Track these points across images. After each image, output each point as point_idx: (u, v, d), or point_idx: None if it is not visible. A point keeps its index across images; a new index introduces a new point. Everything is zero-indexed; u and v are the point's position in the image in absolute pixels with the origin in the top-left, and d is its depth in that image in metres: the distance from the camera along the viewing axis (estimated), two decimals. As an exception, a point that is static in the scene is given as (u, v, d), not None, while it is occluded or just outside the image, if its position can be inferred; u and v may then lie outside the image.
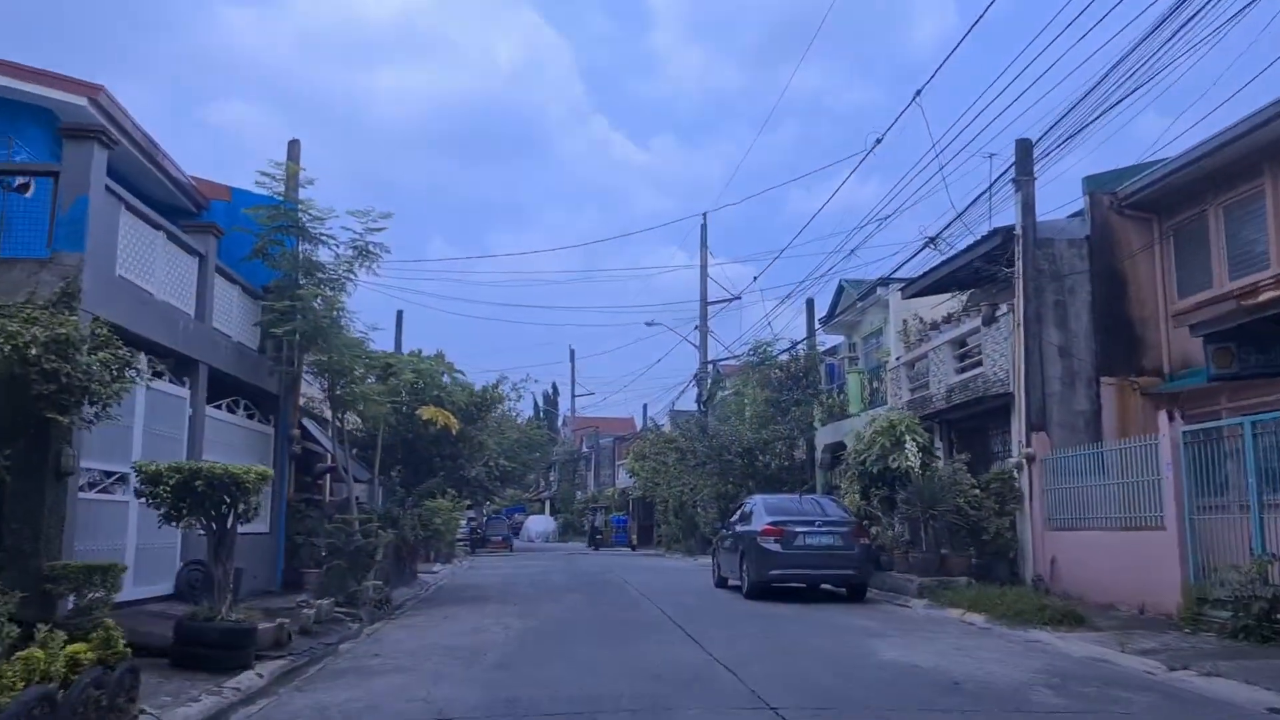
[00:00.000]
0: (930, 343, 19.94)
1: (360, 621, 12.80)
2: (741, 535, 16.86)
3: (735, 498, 27.12)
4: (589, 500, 60.52)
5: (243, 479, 8.94)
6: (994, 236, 16.71)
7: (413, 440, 18.57)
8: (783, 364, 26.37)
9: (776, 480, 25.91)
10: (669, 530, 39.43)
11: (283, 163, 14.92)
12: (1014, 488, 16.07)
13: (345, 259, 15.66)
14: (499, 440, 40.75)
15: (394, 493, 20.39)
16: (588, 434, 71.63)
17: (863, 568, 15.92)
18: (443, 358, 18.54)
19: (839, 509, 17.03)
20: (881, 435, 17.01)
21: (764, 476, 26.32)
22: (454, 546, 28.82)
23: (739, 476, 26.08)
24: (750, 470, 26.08)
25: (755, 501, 17.31)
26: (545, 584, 20.21)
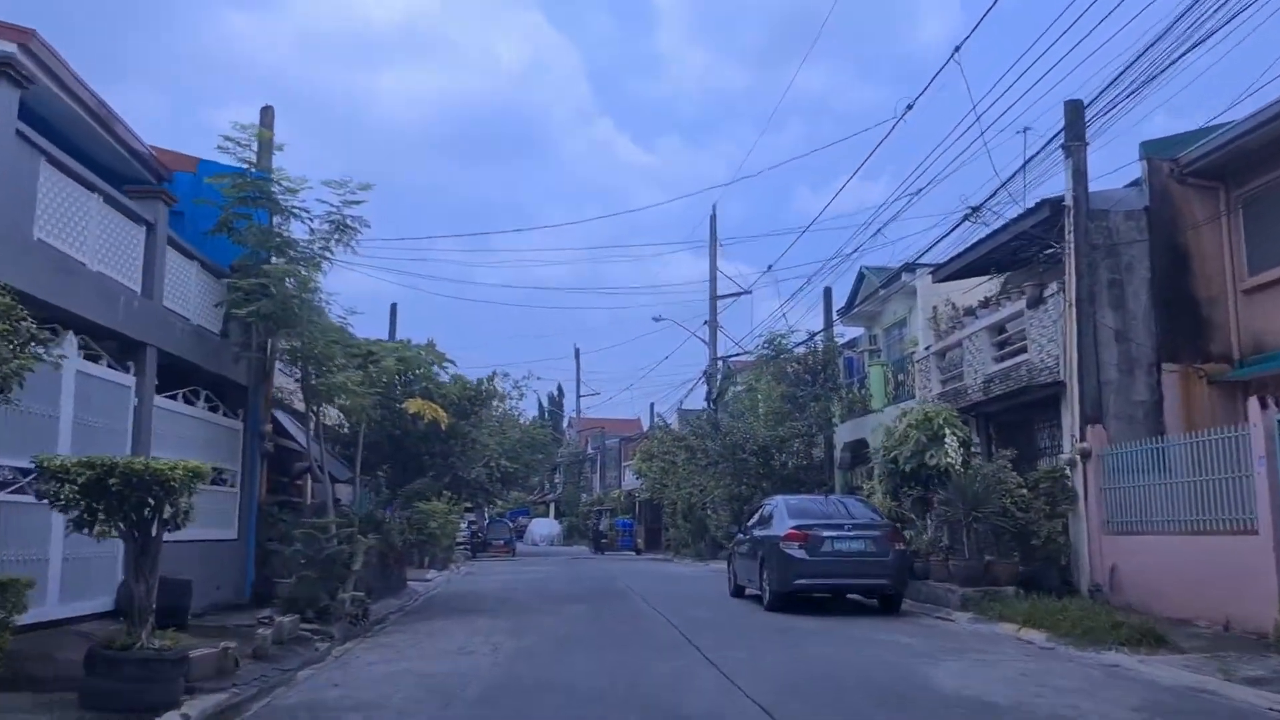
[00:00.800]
0: (965, 330, 18.28)
1: (330, 640, 11.20)
2: (761, 540, 15.23)
3: (749, 499, 25.49)
4: (594, 502, 58.84)
5: (167, 476, 7.32)
6: (1041, 208, 15.05)
7: (400, 437, 16.95)
8: (799, 356, 24.72)
9: (794, 481, 24.26)
10: (678, 534, 37.79)
11: (250, 125, 13.34)
12: (1066, 487, 14.41)
13: (321, 234, 14.10)
14: (500, 440, 39.20)
15: (379, 493, 18.78)
16: (593, 435, 70.03)
17: (898, 577, 14.28)
18: (433, 347, 16.88)
19: (869, 511, 15.38)
20: (916, 429, 15.36)
21: (780, 477, 24.67)
22: (451, 551, 27.22)
23: (753, 477, 24.42)
24: (766, 470, 24.42)
25: (776, 503, 15.67)
26: (545, 593, 18.60)
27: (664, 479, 36.63)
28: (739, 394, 28.42)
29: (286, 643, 10.43)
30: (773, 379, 25.69)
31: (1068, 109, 14.76)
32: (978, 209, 15.34)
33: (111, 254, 10.64)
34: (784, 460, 24.73)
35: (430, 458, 17.48)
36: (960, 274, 18.86)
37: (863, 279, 26.24)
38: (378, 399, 16.36)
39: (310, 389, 13.96)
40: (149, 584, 7.54)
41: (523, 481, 43.93)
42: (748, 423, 24.65)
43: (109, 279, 10.53)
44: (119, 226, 10.88)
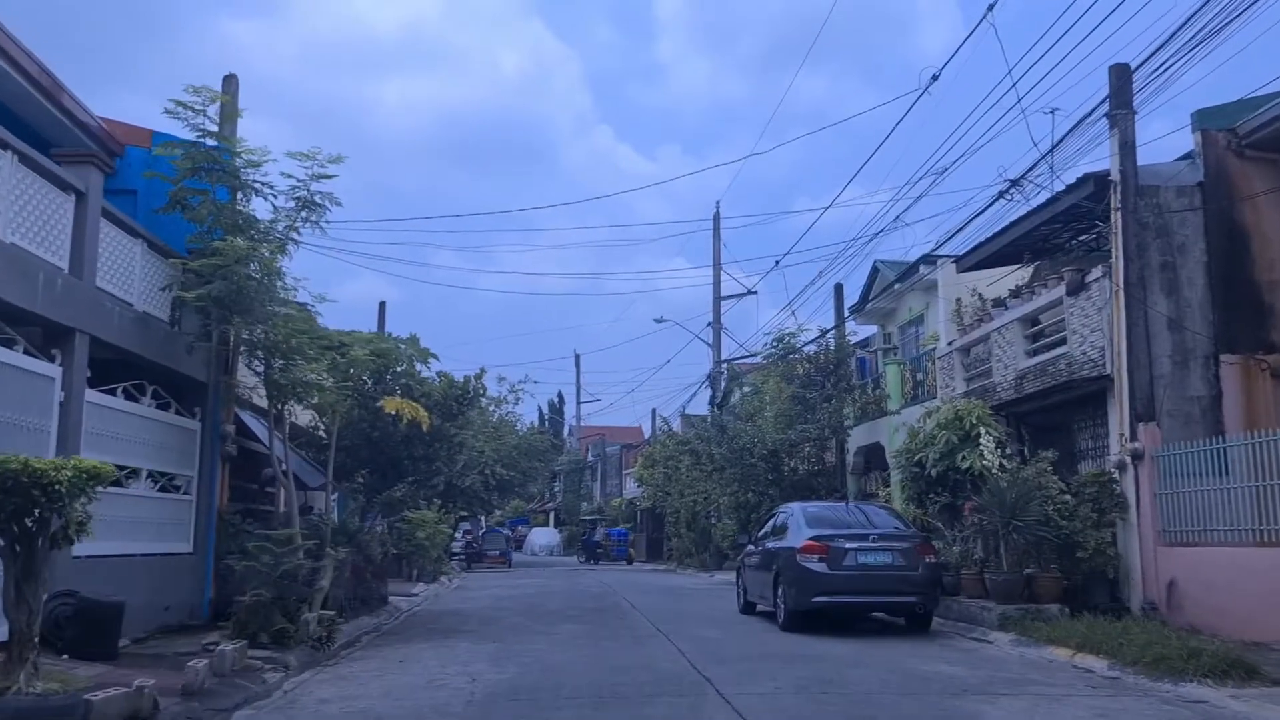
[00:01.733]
0: (993, 322, 16.84)
1: (285, 670, 9.72)
2: (775, 553, 13.76)
3: (757, 507, 24.03)
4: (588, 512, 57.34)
5: (51, 479, 5.89)
6: (1084, 184, 13.62)
7: (378, 440, 15.49)
8: (810, 355, 23.26)
9: (805, 487, 22.79)
10: (680, 544, 36.29)
11: (204, 88, 11.90)
12: (1115, 493, 12.95)
13: (285, 212, 12.69)
14: (496, 446, 37.72)
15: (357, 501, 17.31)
16: (594, 443, 68.56)
17: (929, 593, 12.82)
18: (416, 341, 15.42)
19: (894, 519, 13.91)
20: (946, 429, 13.90)
21: (790, 483, 23.19)
22: (441, 563, 25.71)
23: (762, 483, 22.92)
24: (775, 476, 22.92)
25: (791, 511, 14.21)
26: (538, 610, 17.12)
27: (666, 486, 35.14)
28: (746, 395, 26.90)
29: (229, 675, 8.96)
30: (781, 380, 24.22)
31: (1113, 74, 13.34)
32: (1017, 182, 13.88)
33: (29, 224, 9.22)
34: (794, 465, 23.25)
35: (412, 462, 16.00)
36: (988, 262, 17.43)
37: (876, 273, 24.81)
38: (353, 397, 14.98)
39: (273, 384, 12.51)
40: (32, 610, 6.10)
41: (520, 490, 42.44)
42: (756, 426, 23.17)
43: (26, 253, 9.11)
44: (40, 193, 9.46)
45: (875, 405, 23.10)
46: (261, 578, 10.86)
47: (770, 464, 22.64)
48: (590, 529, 49.12)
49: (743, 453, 22.49)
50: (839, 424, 22.39)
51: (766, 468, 22.63)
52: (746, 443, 22.45)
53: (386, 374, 15.60)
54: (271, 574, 10.82)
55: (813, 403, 23.21)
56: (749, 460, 22.44)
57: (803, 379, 23.13)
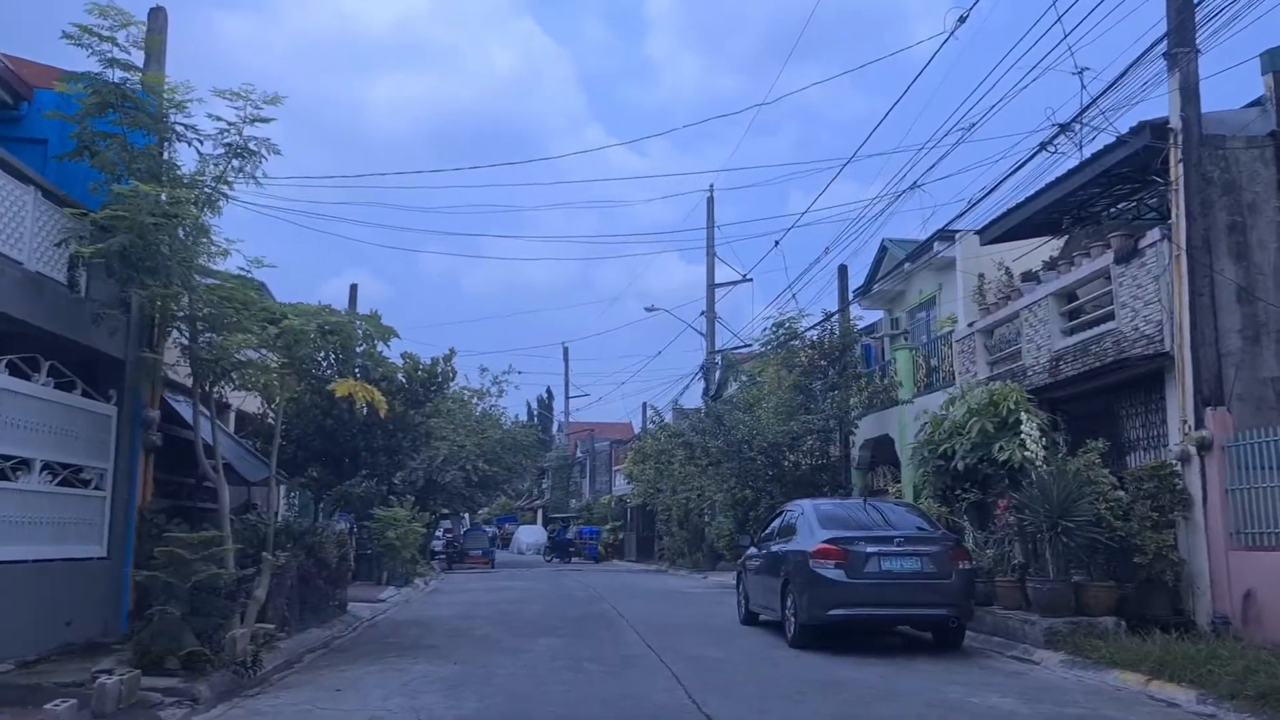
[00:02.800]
0: (1022, 299, 15.10)
1: (192, 704, 7.94)
2: (783, 557, 12.00)
3: (755, 505, 22.28)
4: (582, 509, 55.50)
5: None
6: (1137, 134, 11.87)
7: (333, 429, 13.72)
8: (814, 341, 21.49)
9: (808, 484, 21.02)
10: (672, 543, 34.55)
11: (111, 7, 10.05)
12: (1176, 488, 11.20)
13: (213, 160, 10.87)
14: (478, 441, 35.87)
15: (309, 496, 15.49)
16: (583, 439, 66.68)
17: (964, 604, 11.06)
18: (377, 318, 13.57)
19: (918, 519, 12.14)
20: (979, 415, 12.12)
21: (792, 479, 21.43)
22: (415, 564, 23.87)
23: (761, 479, 21.12)
24: (776, 472, 21.14)
25: (801, 509, 12.43)
26: (515, 619, 15.33)
27: (658, 482, 33.37)
28: (744, 385, 25.06)
29: (113, 715, 7.17)
30: (781, 368, 22.45)
31: (1172, 7, 11.59)
32: (1067, 126, 12.09)
33: None
34: (796, 460, 21.48)
35: (371, 454, 14.21)
36: (1015, 233, 15.70)
37: (885, 253, 23.06)
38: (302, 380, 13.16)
39: (197, 360, 10.68)
40: None
41: (504, 486, 40.57)
42: (754, 417, 21.39)
43: None
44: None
45: (883, 395, 21.35)
46: (170, 590, 9.04)
47: (770, 458, 20.87)
48: (561, 527, 49.03)
49: (741, 446, 20.70)
50: (845, 415, 20.61)
51: (766, 462, 20.85)
52: (745, 435, 20.66)
53: (341, 354, 13.80)
54: (181, 586, 8.99)
55: (816, 392, 21.44)
56: (747, 454, 20.65)
57: (805, 367, 21.36)
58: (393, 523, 22.30)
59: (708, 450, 21.75)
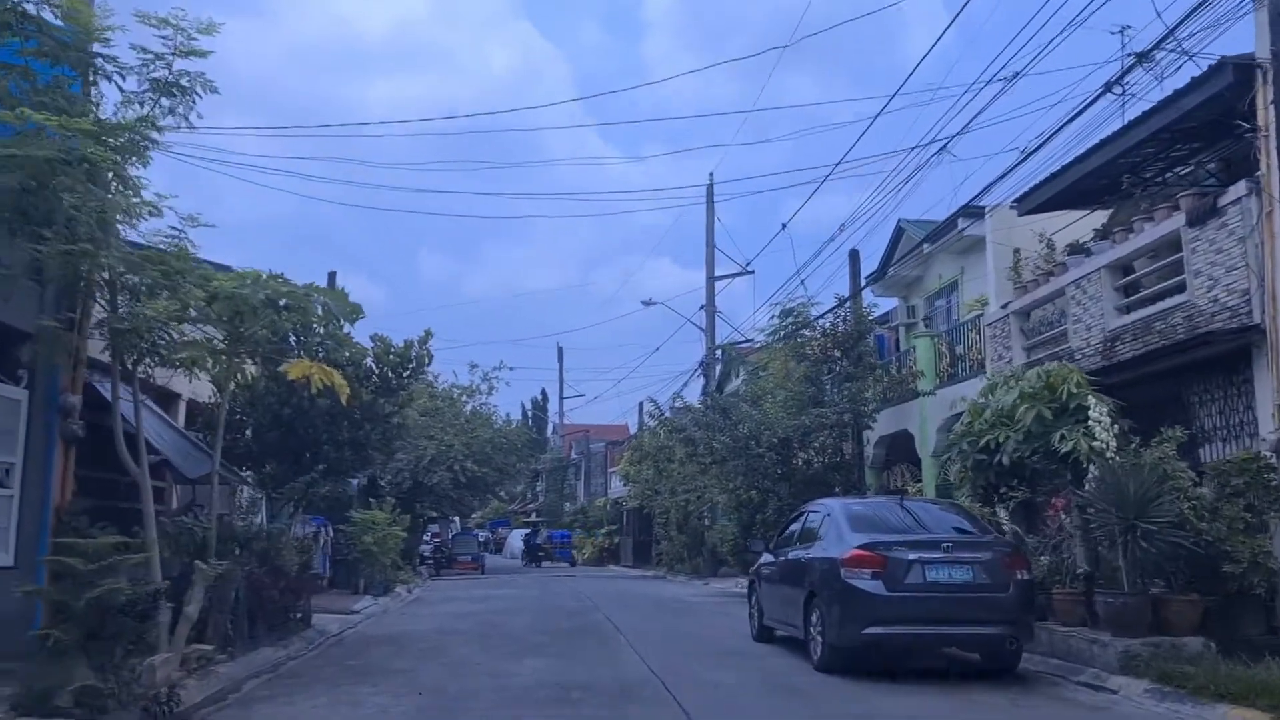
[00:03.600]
0: (1067, 274, 13.49)
1: (75, 755, 6.26)
2: (806, 565, 10.33)
3: (762, 506, 20.62)
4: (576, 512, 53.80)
5: None
6: (1217, 74, 10.24)
7: (291, 419, 12.04)
8: (826, 329, 19.83)
9: (822, 484, 19.37)
10: (671, 547, 32.88)
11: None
12: (1270, 484, 9.56)
13: (136, 98, 9.21)
14: (467, 441, 34.16)
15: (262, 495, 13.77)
16: (578, 440, 64.96)
17: (1023, 621, 9.41)
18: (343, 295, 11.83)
19: (963, 519, 10.46)
20: (1034, 401, 10.45)
21: (802, 478, 19.77)
22: (395, 571, 22.17)
23: (771, 478, 19.43)
24: (785, 470, 19.47)
25: (828, 510, 10.74)
26: (499, 633, 13.67)
27: (656, 483, 31.68)
28: (749, 378, 23.34)
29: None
30: (791, 358, 20.79)
31: (1259, -74, 9.97)
32: (1145, 55, 10.41)
33: None
34: (807, 458, 19.81)
35: (335, 447, 12.49)
36: (1058, 202, 14.12)
37: (901, 234, 21.43)
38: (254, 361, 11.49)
39: (116, 333, 9.01)
40: None
41: (495, 489, 38.84)
42: (762, 411, 19.69)
43: None
44: None
45: (900, 388, 19.71)
46: (64, 610, 7.36)
47: (780, 455, 19.19)
48: (532, 531, 48.44)
49: (748, 441, 19.02)
50: (861, 408, 18.94)
51: (775, 460, 19.16)
52: (753, 430, 18.96)
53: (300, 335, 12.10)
54: (74, 603, 7.30)
55: (827, 384, 19.78)
56: (755, 450, 18.95)
57: (817, 356, 19.69)
58: (371, 526, 20.63)
59: (711, 447, 20.07)
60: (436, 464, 32.50)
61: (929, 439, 18.51)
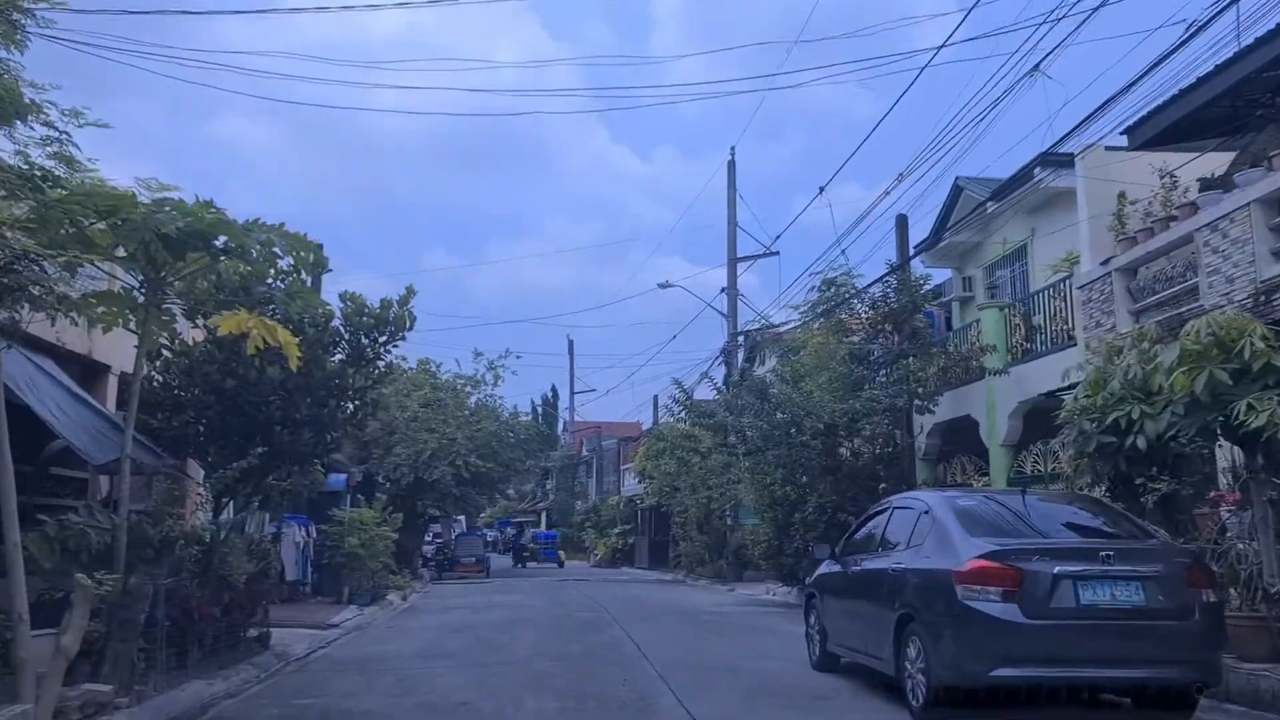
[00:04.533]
0: (1199, 216, 10.92)
1: None
2: (898, 579, 7.77)
3: (801, 504, 18.08)
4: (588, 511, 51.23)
5: None
6: None
7: (236, 393, 9.57)
8: (875, 300, 17.26)
9: (871, 478, 16.84)
10: (691, 549, 30.31)
11: None
12: None
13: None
14: (470, 434, 31.72)
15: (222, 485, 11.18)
16: (589, 436, 62.42)
17: (1210, 659, 6.84)
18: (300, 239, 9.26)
19: (1108, 518, 7.87)
20: (1201, 362, 7.85)
21: (849, 472, 17.22)
22: (386, 577, 19.72)
23: (814, 471, 16.84)
24: (830, 462, 16.90)
25: (925, 506, 8.13)
26: (497, 657, 11.20)
27: (675, 479, 29.15)
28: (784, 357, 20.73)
29: None
30: (832, 335, 18.23)
31: None
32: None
33: None
34: (855, 448, 17.24)
35: (291, 429, 9.95)
36: (1181, 130, 11.52)
37: (959, 195, 18.86)
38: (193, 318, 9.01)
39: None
40: None
41: (501, 486, 36.34)
42: (804, 394, 17.07)
43: None
44: None
45: (959, 369, 17.11)
46: None
47: (826, 445, 16.62)
48: (518, 531, 48.21)
49: (788, 429, 16.44)
50: (918, 389, 16.32)
51: (821, 449, 16.59)
52: (795, 414, 16.37)
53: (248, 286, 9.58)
54: None
55: (880, 364, 17.21)
56: (798, 439, 16.37)
57: (866, 330, 17.12)
58: (357, 526, 18.20)
59: (744, 435, 17.49)
60: (438, 459, 30.08)
61: (998, 426, 15.97)
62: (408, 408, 31.28)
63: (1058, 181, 15.62)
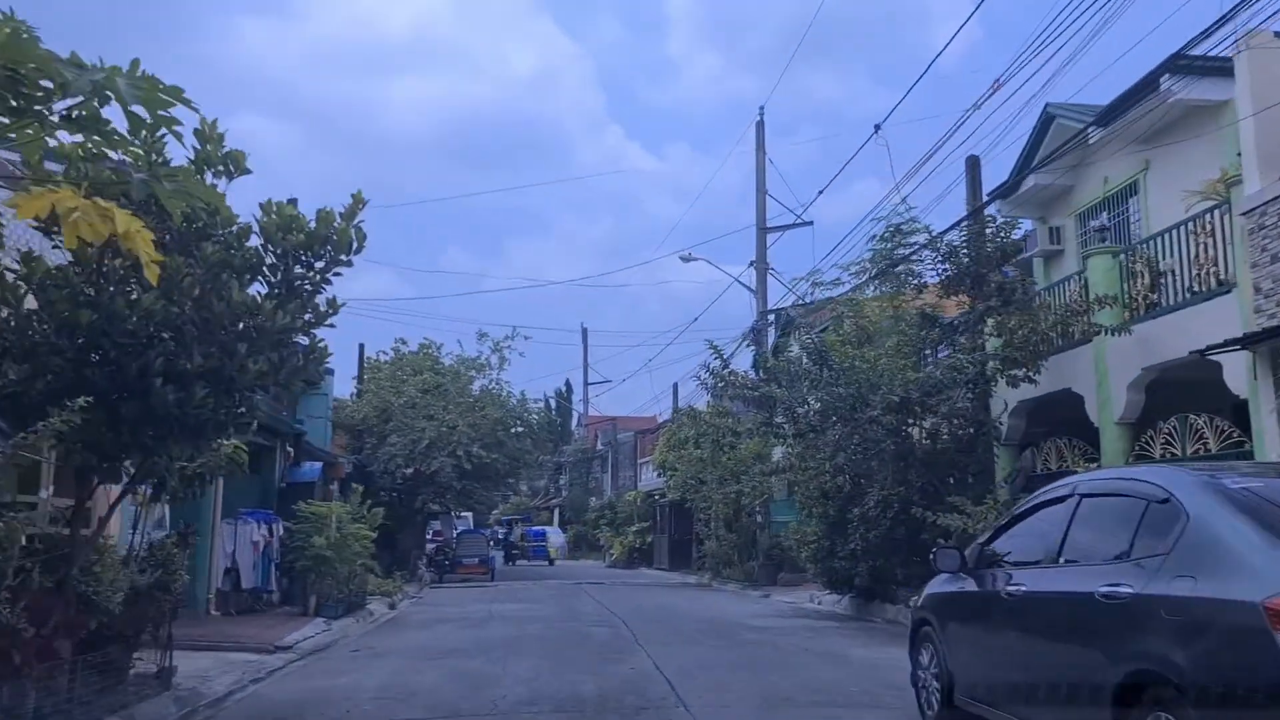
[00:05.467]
0: None
1: None
2: (1121, 612, 4.66)
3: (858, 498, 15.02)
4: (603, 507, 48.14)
5: None
6: None
7: (101, 330, 6.55)
8: (951, 248, 14.10)
9: (948, 466, 13.74)
10: (718, 549, 27.28)
11: None
12: None
13: None
14: (472, 421, 28.74)
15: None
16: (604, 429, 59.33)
17: None
18: (177, 92, 6.06)
19: None
20: None
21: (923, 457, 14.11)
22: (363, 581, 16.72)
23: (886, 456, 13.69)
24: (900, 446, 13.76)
25: (1166, 491, 4.88)
26: (478, 697, 8.23)
27: (703, 470, 26.07)
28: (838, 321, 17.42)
29: None
30: (899, 296, 15.11)
31: None
32: None
33: None
34: (933, 427, 14.09)
35: (176, 384, 6.84)
36: None
37: (1049, 124, 15.64)
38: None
39: None
40: None
41: (508, 479, 33.30)
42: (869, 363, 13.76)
43: None
44: None
45: (1057, 332, 13.98)
46: None
47: (898, 421, 13.46)
48: (507, 528, 46.76)
49: (854, 403, 13.30)
50: (1013, 354, 13.15)
51: (894, 424, 13.42)
52: (864, 383, 13.17)
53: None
54: None
55: (959, 326, 14.07)
56: (867, 414, 13.22)
57: (945, 283, 13.98)
58: (326, 523, 15.24)
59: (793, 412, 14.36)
60: (436, 449, 27.12)
61: (1112, 400, 12.86)
62: (404, 393, 28.36)
63: (1191, 92, 12.49)
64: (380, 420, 28.27)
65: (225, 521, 14.99)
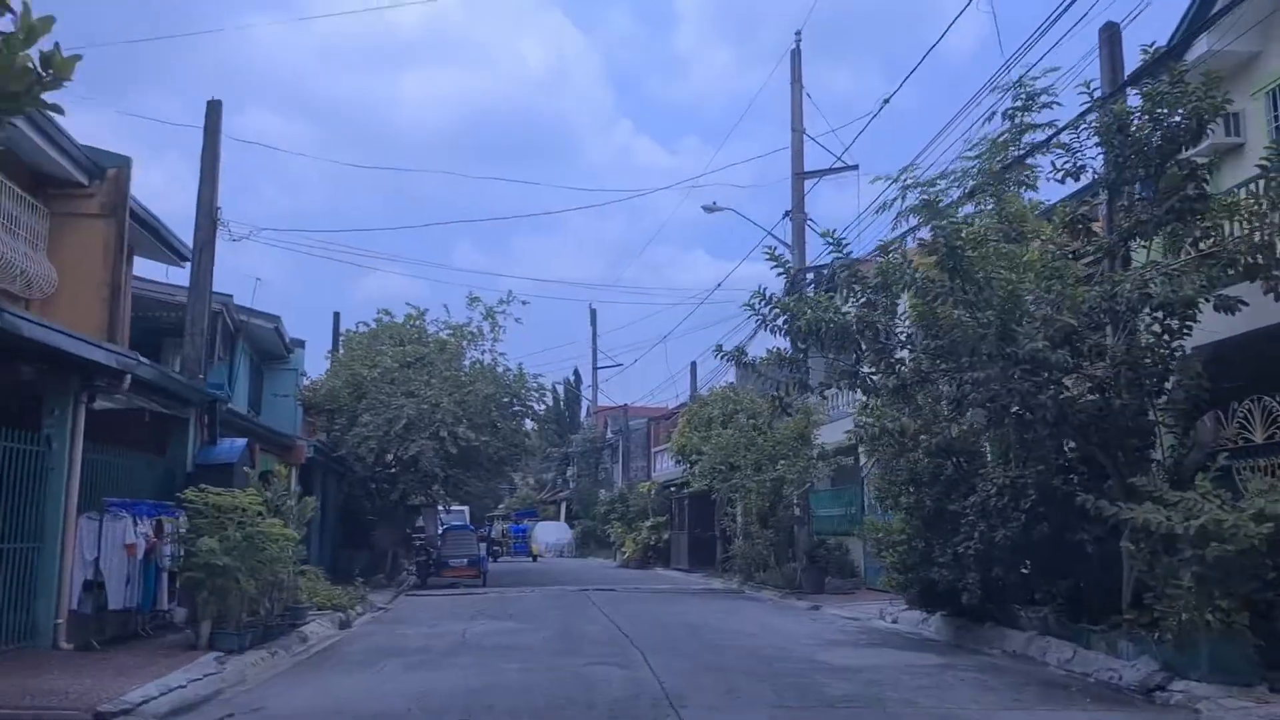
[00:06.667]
0: None
1: None
2: None
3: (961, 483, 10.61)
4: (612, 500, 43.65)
5: None
6: None
7: None
8: (1106, 131, 9.69)
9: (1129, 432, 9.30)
10: (750, 549, 22.86)
11: None
12: None
13: None
14: (459, 399, 24.37)
15: None
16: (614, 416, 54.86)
17: None
18: None
19: None
20: None
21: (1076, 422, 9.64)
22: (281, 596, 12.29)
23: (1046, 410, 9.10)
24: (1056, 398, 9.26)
25: None
26: None
27: (734, 455, 21.69)
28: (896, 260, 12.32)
29: None
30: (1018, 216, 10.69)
31: None
32: None
33: None
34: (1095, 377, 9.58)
35: None
36: None
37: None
38: None
39: None
40: None
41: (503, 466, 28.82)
42: (1020, 269, 9.23)
43: None
44: None
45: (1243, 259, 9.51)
46: None
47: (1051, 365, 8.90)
48: (488, 525, 45.92)
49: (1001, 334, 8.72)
50: (1234, 270, 8.70)
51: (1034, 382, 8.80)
52: (1001, 306, 8.62)
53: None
54: None
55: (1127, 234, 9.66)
56: (1026, 348, 8.58)
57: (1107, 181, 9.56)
58: (212, 520, 10.85)
59: (890, 359, 9.88)
60: (415, 430, 22.81)
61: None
62: (379, 365, 24.02)
63: None
64: (353, 398, 23.96)
65: (86, 516, 10.70)
